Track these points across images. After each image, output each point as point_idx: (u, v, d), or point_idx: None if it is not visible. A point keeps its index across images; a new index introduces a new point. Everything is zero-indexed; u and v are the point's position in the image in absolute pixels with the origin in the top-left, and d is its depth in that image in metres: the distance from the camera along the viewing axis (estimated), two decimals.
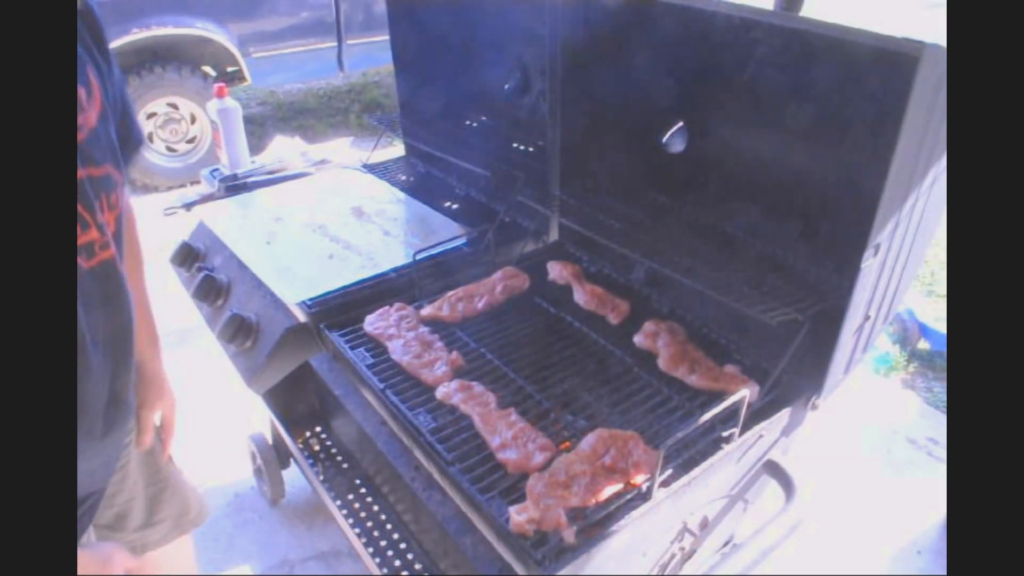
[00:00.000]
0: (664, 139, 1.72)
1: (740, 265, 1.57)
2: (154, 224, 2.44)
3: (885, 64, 1.17)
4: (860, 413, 2.84)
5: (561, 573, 1.14)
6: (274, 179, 2.58)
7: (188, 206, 2.49)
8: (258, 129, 5.73)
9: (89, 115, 0.96)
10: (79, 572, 0.91)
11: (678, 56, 1.62)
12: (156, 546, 1.55)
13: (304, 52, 5.59)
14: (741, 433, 1.38)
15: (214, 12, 5.08)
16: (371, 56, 5.78)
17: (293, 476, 2.41)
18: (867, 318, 1.47)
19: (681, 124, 1.70)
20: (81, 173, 0.93)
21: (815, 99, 1.41)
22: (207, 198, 2.52)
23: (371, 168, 2.63)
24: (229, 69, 5.31)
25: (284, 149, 2.91)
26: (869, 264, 1.32)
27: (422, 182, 2.54)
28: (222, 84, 2.75)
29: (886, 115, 1.17)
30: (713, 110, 1.64)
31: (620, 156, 1.87)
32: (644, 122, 1.77)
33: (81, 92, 0.94)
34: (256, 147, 2.93)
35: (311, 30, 5.59)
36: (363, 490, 1.83)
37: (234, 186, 2.52)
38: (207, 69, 5.29)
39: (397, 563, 1.66)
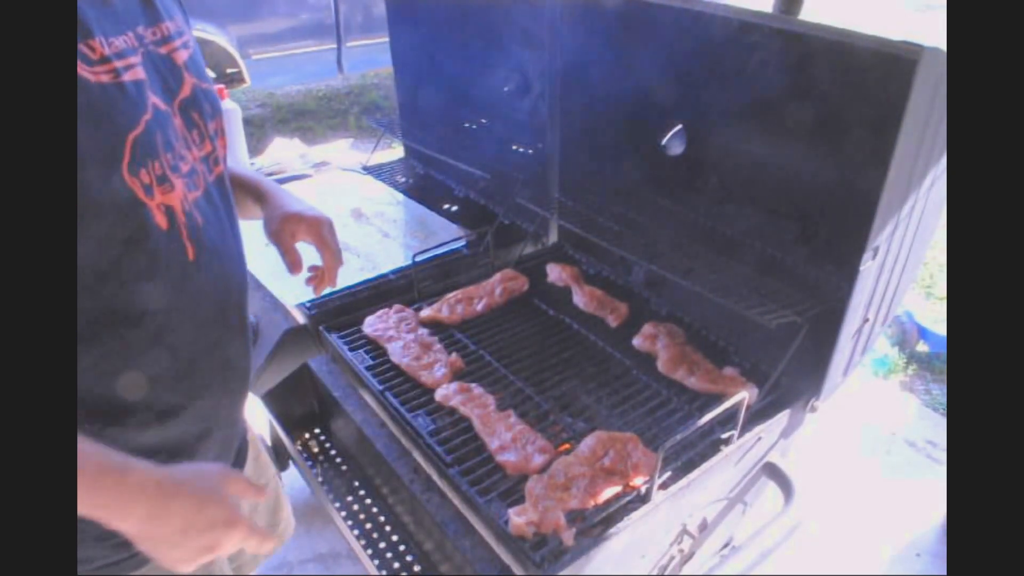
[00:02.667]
0: (663, 141, 1.72)
1: (739, 267, 1.58)
2: None
3: (884, 67, 1.17)
4: (859, 415, 2.84)
5: (560, 574, 1.14)
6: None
7: None
8: (257, 131, 5.73)
9: (187, 36, 0.98)
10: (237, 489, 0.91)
11: (677, 58, 1.62)
12: (248, 565, 1.40)
13: (303, 54, 5.60)
14: (740, 435, 1.38)
15: (214, 14, 5.08)
16: (370, 58, 5.79)
17: (292, 478, 2.41)
18: (866, 320, 1.47)
19: (680, 126, 1.70)
20: (191, 83, 0.95)
21: (814, 102, 1.42)
22: None
23: (370, 170, 2.63)
24: (228, 71, 5.31)
25: (283, 151, 2.92)
26: (868, 267, 1.33)
27: (421, 184, 2.55)
28: (221, 86, 2.75)
29: (885, 118, 1.17)
30: (712, 112, 1.65)
31: (619, 158, 1.87)
32: (643, 124, 1.77)
33: (178, 16, 0.97)
34: (255, 149, 2.94)
35: (310, 32, 5.59)
36: (362, 492, 1.83)
37: None
38: (206, 71, 5.29)
39: (396, 565, 1.66)
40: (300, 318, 1.75)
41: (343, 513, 1.77)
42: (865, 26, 1.22)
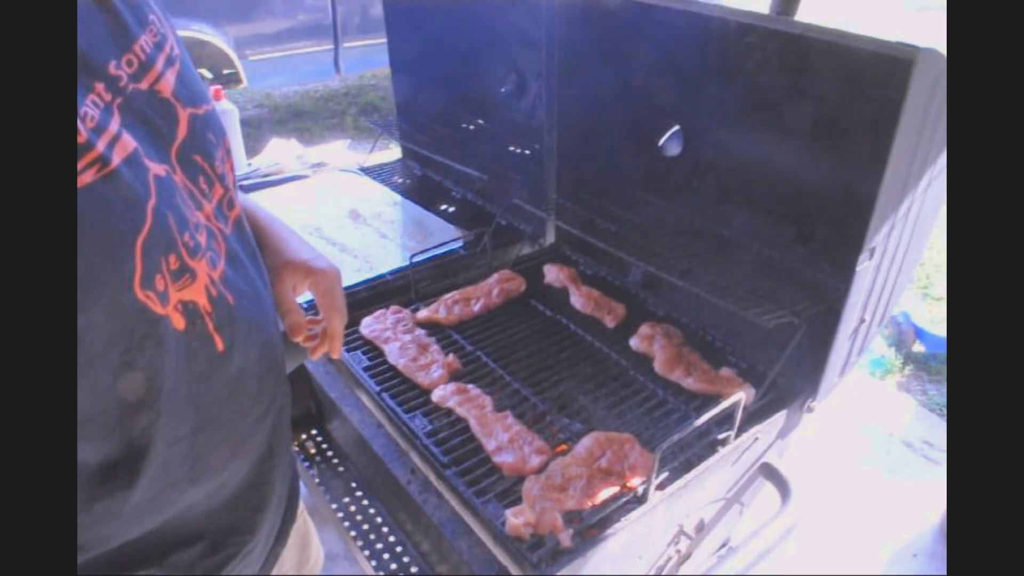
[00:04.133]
0: (661, 142, 1.72)
1: (736, 268, 1.58)
2: None
3: (880, 68, 1.17)
4: (855, 416, 2.84)
5: (557, 575, 1.14)
6: (270, 182, 2.58)
7: None
8: (254, 131, 5.72)
9: (170, 43, 0.77)
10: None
11: (674, 59, 1.63)
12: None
13: (300, 55, 5.59)
14: (737, 436, 1.38)
15: (211, 14, 5.07)
16: (367, 59, 5.78)
17: None
18: (862, 321, 1.47)
19: (677, 128, 1.70)
20: (187, 116, 0.76)
21: (811, 103, 1.42)
22: None
23: (368, 171, 2.64)
24: (225, 71, 5.31)
25: (281, 151, 2.91)
26: (864, 267, 1.33)
27: (419, 185, 2.55)
28: (219, 87, 2.75)
29: (881, 118, 1.17)
30: (710, 113, 1.65)
31: (617, 159, 1.88)
32: (641, 125, 1.77)
33: (153, 16, 0.76)
34: (252, 149, 2.93)
35: (307, 33, 5.59)
36: (359, 493, 1.82)
37: None
38: (203, 71, 5.29)
39: (393, 566, 1.65)
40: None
41: (340, 514, 1.77)
42: (862, 27, 1.23)
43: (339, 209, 2.29)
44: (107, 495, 0.71)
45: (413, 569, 1.65)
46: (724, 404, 1.33)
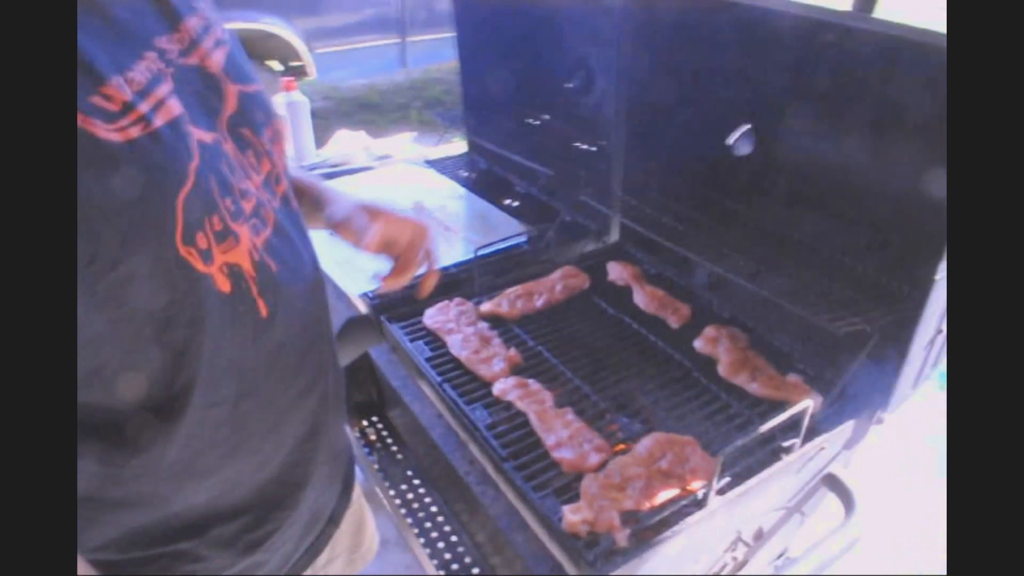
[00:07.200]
0: (730, 141, 1.69)
1: (806, 272, 1.54)
2: None
3: None
4: (924, 429, 2.75)
5: (612, 575, 1.14)
6: (338, 172, 2.62)
7: None
8: (322, 123, 5.82)
9: (218, 29, 0.82)
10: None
11: (746, 57, 1.59)
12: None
13: (367, 48, 5.68)
14: (802, 444, 1.35)
15: (280, 7, 5.19)
16: (433, 52, 5.85)
17: None
18: (939, 331, 1.42)
19: (748, 126, 1.67)
20: (235, 92, 0.80)
21: (889, 104, 1.37)
22: None
23: (433, 164, 2.66)
24: (294, 64, 5.42)
25: (348, 143, 2.96)
26: (943, 276, 1.28)
27: (483, 179, 2.56)
28: (290, 79, 2.81)
29: None
30: (781, 113, 1.61)
31: (684, 157, 1.85)
32: (709, 124, 1.74)
33: (201, 4, 0.81)
34: (319, 140, 2.99)
35: (374, 26, 5.67)
36: (416, 481, 1.85)
37: None
38: (272, 63, 5.41)
39: (447, 556, 1.68)
40: (362, 308, 1.78)
41: (397, 501, 1.80)
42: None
43: (404, 201, 2.32)
44: (144, 449, 0.74)
45: (467, 559, 1.67)
46: (790, 411, 1.30)
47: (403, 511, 1.78)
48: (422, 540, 1.71)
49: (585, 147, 2.13)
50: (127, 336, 0.65)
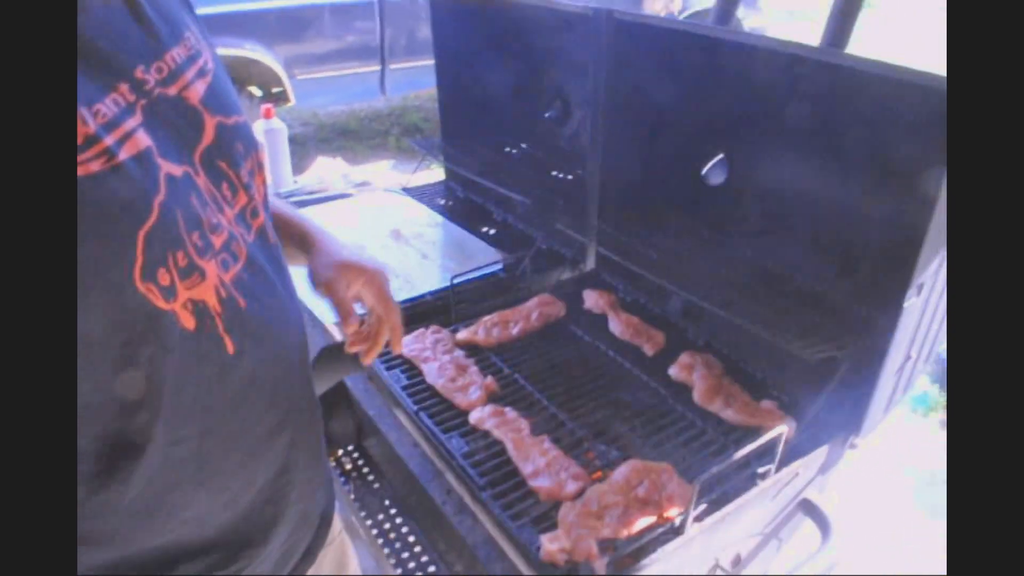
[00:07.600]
0: (704, 171, 1.72)
1: (779, 300, 1.56)
2: None
3: (932, 102, 1.16)
4: (897, 453, 2.78)
5: None
6: (315, 199, 2.62)
7: None
8: (300, 149, 5.84)
9: (204, 58, 0.80)
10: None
11: (721, 89, 1.63)
12: None
13: (348, 75, 5.70)
14: (777, 470, 1.36)
15: (262, 34, 5.20)
16: (412, 80, 5.87)
17: None
18: (908, 358, 1.45)
19: (722, 156, 1.70)
20: (214, 123, 0.78)
21: (860, 136, 1.41)
22: None
23: (411, 191, 2.67)
24: (274, 90, 5.43)
25: (326, 170, 2.97)
26: (912, 303, 1.31)
27: (461, 206, 2.57)
28: (269, 105, 2.81)
29: (933, 154, 1.16)
30: (755, 143, 1.64)
31: (660, 187, 1.88)
32: (685, 153, 1.77)
33: (190, 32, 0.79)
34: (298, 167, 2.99)
35: (355, 54, 5.69)
36: (393, 511, 1.83)
37: None
38: (253, 89, 5.41)
39: None
40: (338, 335, 1.78)
41: (374, 531, 1.77)
42: (913, 61, 1.22)
43: (381, 229, 2.33)
44: (103, 488, 0.71)
45: None
46: (765, 437, 1.31)
47: (380, 541, 1.75)
48: (399, 571, 1.69)
49: (562, 176, 2.16)
50: (83, 373, 0.63)
